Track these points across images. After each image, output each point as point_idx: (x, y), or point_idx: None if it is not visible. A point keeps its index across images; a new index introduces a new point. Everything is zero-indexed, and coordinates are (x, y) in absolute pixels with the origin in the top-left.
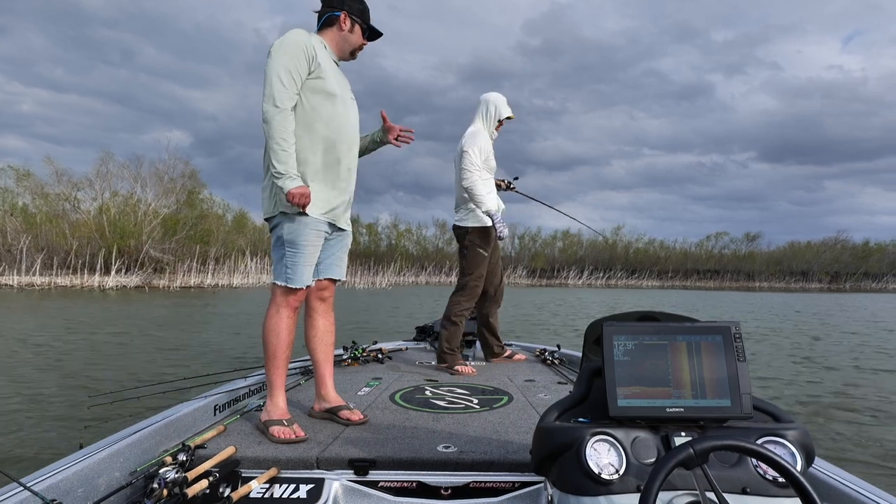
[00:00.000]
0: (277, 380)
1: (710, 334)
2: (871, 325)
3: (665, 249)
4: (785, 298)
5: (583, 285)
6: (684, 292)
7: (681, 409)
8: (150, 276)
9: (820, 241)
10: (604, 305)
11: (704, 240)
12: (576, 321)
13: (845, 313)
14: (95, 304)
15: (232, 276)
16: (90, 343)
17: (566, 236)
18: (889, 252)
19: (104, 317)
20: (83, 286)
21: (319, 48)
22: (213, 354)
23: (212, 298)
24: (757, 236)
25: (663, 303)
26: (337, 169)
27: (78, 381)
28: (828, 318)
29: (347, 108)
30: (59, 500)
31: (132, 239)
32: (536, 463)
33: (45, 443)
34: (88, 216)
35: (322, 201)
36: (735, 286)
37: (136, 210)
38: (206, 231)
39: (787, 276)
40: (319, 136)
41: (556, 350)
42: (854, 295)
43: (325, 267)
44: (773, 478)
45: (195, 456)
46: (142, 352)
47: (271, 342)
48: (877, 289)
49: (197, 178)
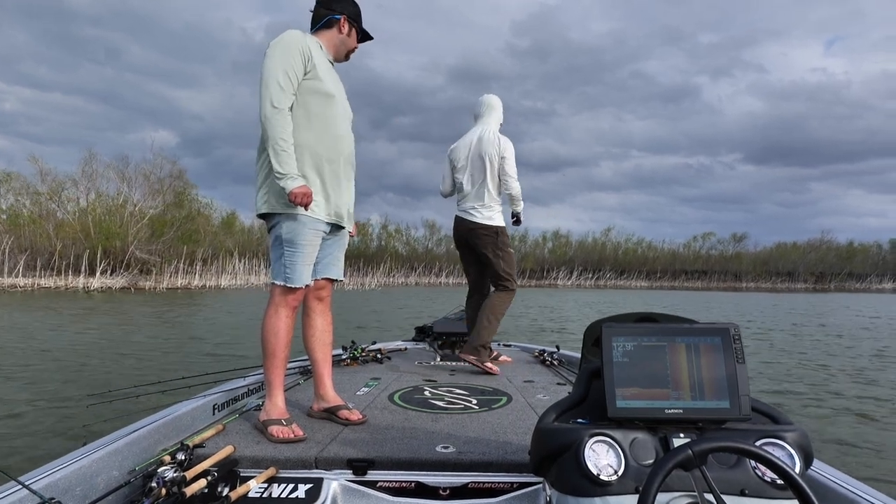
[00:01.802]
0: (276, 379)
1: (709, 336)
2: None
3: (653, 250)
4: (776, 299)
5: (572, 286)
6: (672, 293)
7: (679, 411)
8: (136, 277)
9: (805, 242)
10: (594, 310)
11: (692, 240)
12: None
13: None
14: (76, 306)
15: (220, 278)
16: (74, 343)
17: (556, 237)
18: (873, 253)
19: (83, 318)
20: (67, 287)
21: (315, 49)
22: (200, 357)
23: (200, 298)
24: (743, 237)
25: (652, 304)
26: (336, 168)
27: (74, 381)
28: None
29: (344, 107)
30: (58, 498)
31: (118, 240)
32: (535, 464)
33: (44, 442)
34: (73, 217)
35: (323, 201)
36: (722, 286)
37: (123, 211)
38: (194, 232)
39: (774, 276)
40: (318, 135)
41: (556, 351)
42: (840, 295)
43: (322, 266)
44: (771, 480)
45: (194, 455)
46: (124, 355)
47: (270, 342)
48: (861, 289)
49: (184, 178)
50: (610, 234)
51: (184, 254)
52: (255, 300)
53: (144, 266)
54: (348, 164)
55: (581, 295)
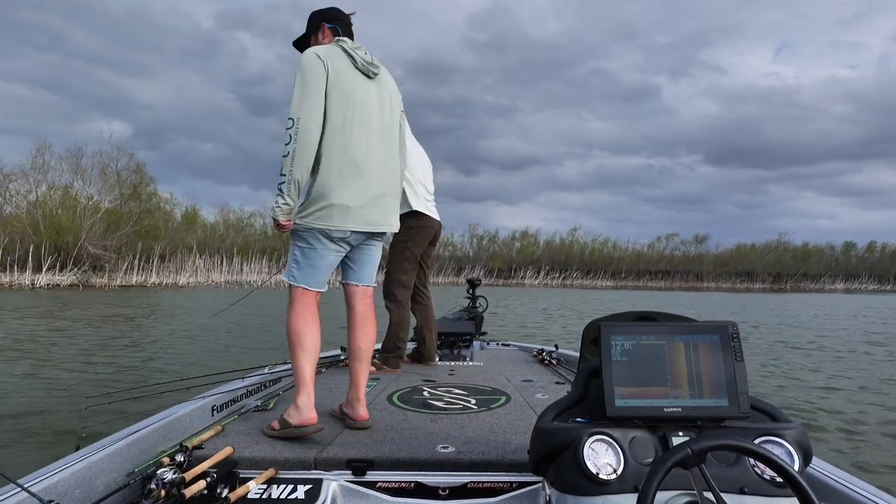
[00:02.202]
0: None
1: (708, 334)
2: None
3: (619, 250)
4: (740, 300)
5: (539, 285)
6: (636, 293)
7: (678, 409)
8: (88, 274)
9: (764, 244)
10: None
11: (656, 241)
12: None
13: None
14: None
15: (178, 275)
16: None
17: (524, 237)
18: (826, 255)
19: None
20: (11, 285)
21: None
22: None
23: (149, 298)
24: (705, 238)
25: (618, 307)
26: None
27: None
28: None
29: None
30: (57, 501)
31: (70, 234)
32: (534, 463)
33: (42, 442)
34: (21, 210)
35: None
36: (685, 286)
37: (76, 204)
38: (153, 228)
39: (734, 276)
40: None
41: (554, 350)
42: (797, 295)
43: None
44: (770, 477)
45: (193, 457)
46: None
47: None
48: (815, 289)
49: (143, 171)
50: (576, 233)
51: (139, 250)
52: (212, 301)
53: (98, 262)
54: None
55: (545, 296)
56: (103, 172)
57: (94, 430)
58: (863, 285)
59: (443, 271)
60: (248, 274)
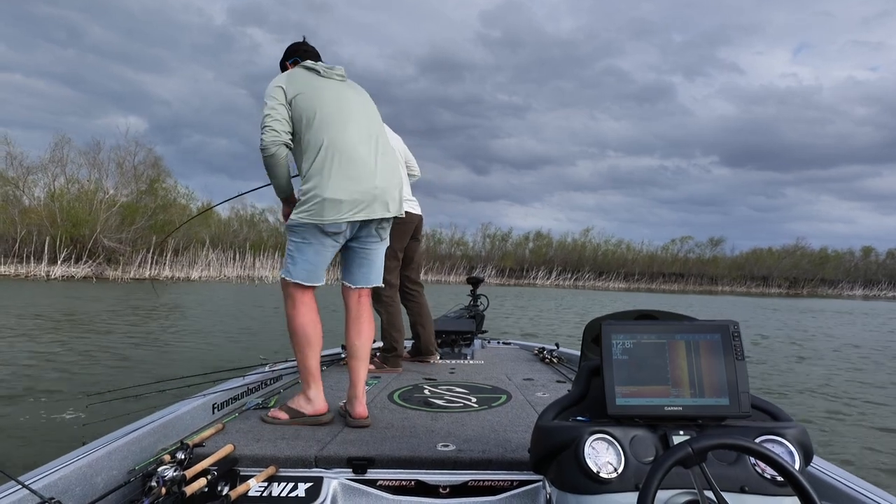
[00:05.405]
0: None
1: (709, 333)
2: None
3: (632, 252)
4: (761, 304)
5: (551, 285)
6: (649, 295)
7: (679, 408)
8: (102, 266)
9: (781, 248)
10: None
11: (670, 243)
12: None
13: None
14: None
15: (191, 269)
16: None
17: (538, 237)
18: (846, 260)
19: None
20: (28, 275)
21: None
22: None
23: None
24: (721, 241)
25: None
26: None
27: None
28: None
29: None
30: (58, 498)
31: (86, 227)
32: (535, 461)
33: (43, 441)
34: (39, 203)
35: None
36: (699, 289)
37: (94, 198)
38: (168, 223)
39: (749, 280)
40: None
41: (555, 348)
42: (813, 300)
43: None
44: (771, 476)
45: (193, 454)
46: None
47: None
48: (833, 294)
49: (160, 165)
50: (589, 234)
51: (153, 243)
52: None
53: (112, 255)
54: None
55: (557, 297)
56: (120, 166)
57: (95, 427)
58: (882, 292)
59: (454, 270)
60: (260, 269)
